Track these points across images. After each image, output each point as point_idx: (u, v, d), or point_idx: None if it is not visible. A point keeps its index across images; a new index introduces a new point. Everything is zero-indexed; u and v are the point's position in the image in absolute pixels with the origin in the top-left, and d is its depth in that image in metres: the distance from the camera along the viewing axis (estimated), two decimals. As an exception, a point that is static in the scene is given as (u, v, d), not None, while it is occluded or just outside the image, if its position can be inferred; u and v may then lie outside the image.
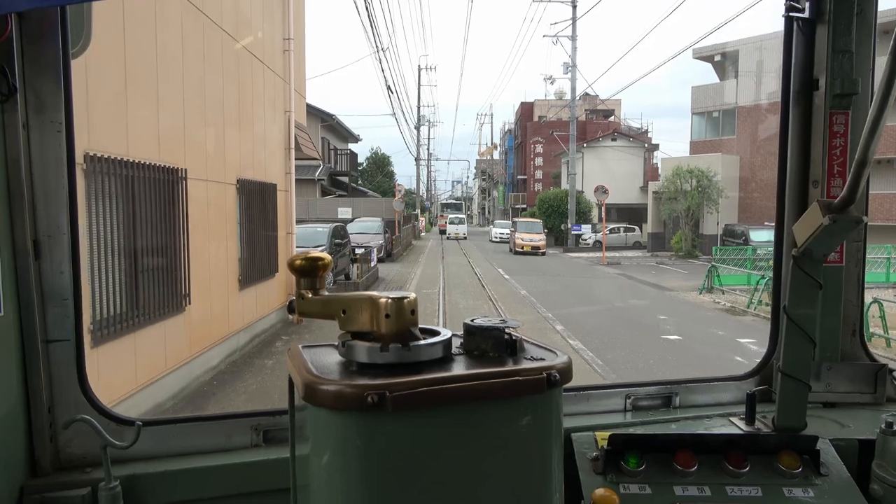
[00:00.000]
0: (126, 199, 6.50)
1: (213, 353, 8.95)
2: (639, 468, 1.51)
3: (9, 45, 1.29)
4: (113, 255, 6.25)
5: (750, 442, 1.62)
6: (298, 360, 1.05)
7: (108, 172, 6.16)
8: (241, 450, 1.52)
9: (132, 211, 6.63)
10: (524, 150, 58.08)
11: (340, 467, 0.93)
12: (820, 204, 1.43)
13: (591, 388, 1.81)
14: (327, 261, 1.13)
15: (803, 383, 1.64)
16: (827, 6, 1.75)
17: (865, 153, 1.30)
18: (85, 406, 1.43)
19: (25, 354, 1.37)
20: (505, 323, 1.09)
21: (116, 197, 6.32)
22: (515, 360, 1.04)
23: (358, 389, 0.90)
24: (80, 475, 1.40)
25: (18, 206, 1.33)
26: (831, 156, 1.80)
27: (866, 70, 1.79)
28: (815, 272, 1.56)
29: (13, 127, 1.32)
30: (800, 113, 1.84)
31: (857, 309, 1.90)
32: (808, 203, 1.78)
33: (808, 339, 1.61)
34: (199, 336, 8.45)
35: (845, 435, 1.68)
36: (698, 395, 1.88)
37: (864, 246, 1.90)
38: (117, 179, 6.35)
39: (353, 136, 40.86)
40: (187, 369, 8.09)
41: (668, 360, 10.30)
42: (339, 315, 1.06)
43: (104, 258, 6.10)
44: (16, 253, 1.34)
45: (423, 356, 1.00)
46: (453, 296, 16.57)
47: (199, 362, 8.47)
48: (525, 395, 0.98)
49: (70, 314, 1.41)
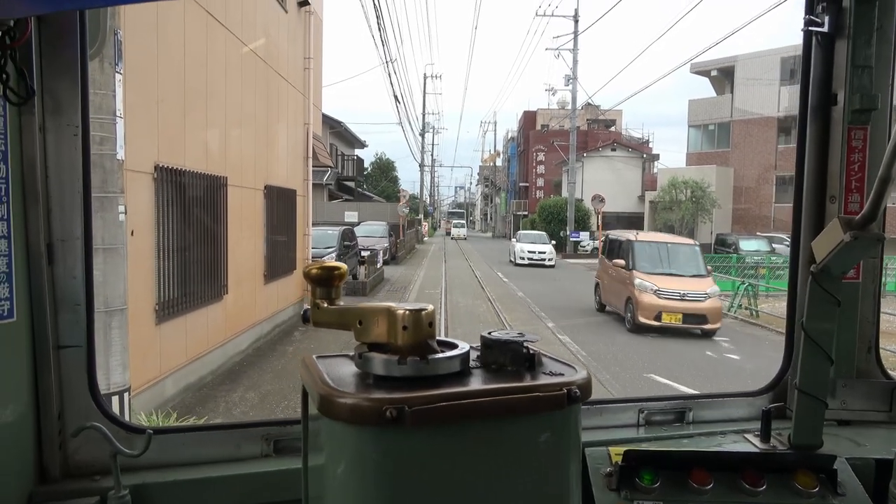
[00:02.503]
0: (182, 202, 7.77)
1: (242, 338, 10.21)
2: (653, 485, 1.48)
3: (28, 47, 1.26)
4: (173, 248, 7.52)
5: (766, 460, 1.60)
6: (314, 371, 1.04)
7: (171, 180, 7.44)
8: (251, 460, 1.50)
9: (187, 212, 7.90)
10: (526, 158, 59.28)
11: (356, 481, 0.93)
12: (841, 220, 1.40)
13: (604, 402, 1.80)
14: (343, 270, 1.12)
15: (820, 401, 1.60)
16: (847, 21, 1.72)
17: (889, 170, 1.28)
18: (95, 413, 1.41)
19: (37, 360, 1.34)
20: (523, 336, 1.07)
21: (175, 200, 7.59)
22: (534, 374, 1.03)
23: (376, 403, 0.89)
24: (89, 483, 1.38)
25: (33, 210, 1.31)
26: (849, 171, 1.76)
27: (885, 85, 1.76)
28: (833, 289, 1.53)
29: (30, 130, 1.29)
30: (818, 127, 1.81)
31: (873, 326, 1.87)
32: (826, 218, 1.76)
33: (826, 357, 1.57)
34: (232, 322, 9.70)
35: (861, 454, 1.65)
36: (712, 410, 1.86)
37: (881, 263, 1.88)
38: (177, 186, 7.62)
39: (359, 141, 42.11)
40: (222, 350, 9.33)
41: (643, 353, 11.54)
42: (356, 326, 1.05)
43: (167, 252, 7.37)
44: (29, 257, 1.31)
45: (441, 370, 0.99)
46: (454, 296, 17.75)
47: (232, 345, 9.73)
48: (545, 411, 0.97)
49: (82, 320, 1.39)
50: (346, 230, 20.33)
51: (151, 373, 7.03)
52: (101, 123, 4.01)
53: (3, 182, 1.25)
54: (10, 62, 1.21)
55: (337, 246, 18.45)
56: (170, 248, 7.43)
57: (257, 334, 10.99)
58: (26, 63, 1.26)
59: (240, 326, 10.04)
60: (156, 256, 7.10)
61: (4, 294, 1.25)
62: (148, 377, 6.90)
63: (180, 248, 7.73)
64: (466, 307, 15.83)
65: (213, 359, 8.93)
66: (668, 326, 12.95)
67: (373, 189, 55.24)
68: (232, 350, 9.70)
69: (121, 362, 4.29)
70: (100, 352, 4.00)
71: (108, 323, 4.18)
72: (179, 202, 7.68)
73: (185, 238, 7.90)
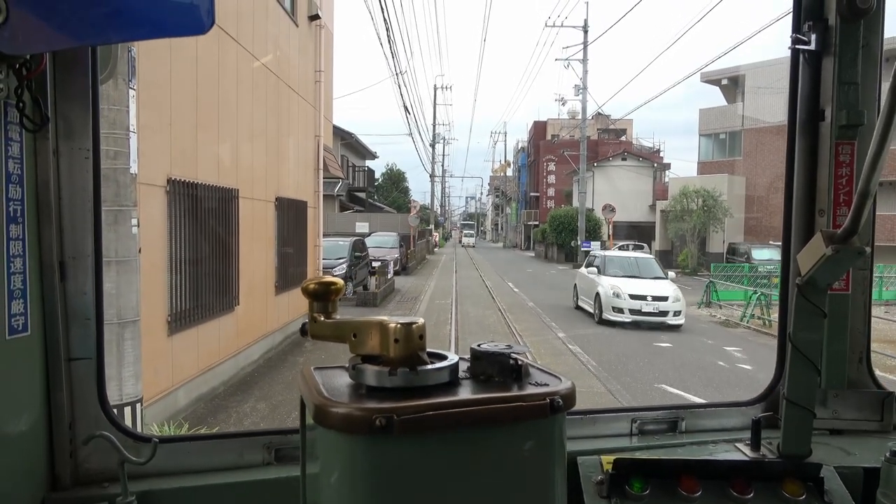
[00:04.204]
0: (194, 215, 7.86)
1: (254, 348, 10.27)
2: (643, 493, 1.50)
3: (43, 77, 1.33)
4: (185, 261, 7.60)
5: (754, 468, 1.62)
6: (310, 382, 1.08)
7: (183, 193, 7.53)
8: (254, 467, 1.54)
9: (199, 224, 8.00)
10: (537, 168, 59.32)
11: (348, 488, 0.96)
12: (823, 234, 1.43)
13: (597, 412, 1.82)
14: (340, 285, 1.16)
15: (808, 411, 1.64)
16: (833, 39, 1.75)
17: (867, 185, 1.31)
18: (104, 422, 1.46)
19: (49, 372, 1.39)
20: (511, 348, 1.11)
21: (188, 213, 7.69)
22: (520, 385, 1.06)
23: (366, 413, 0.92)
24: (98, 490, 1.43)
25: (47, 229, 1.37)
26: (837, 185, 1.79)
27: (872, 101, 1.80)
28: (819, 301, 1.55)
29: (45, 154, 1.35)
30: (806, 143, 1.85)
31: (864, 336, 1.89)
32: (815, 232, 1.76)
33: (813, 367, 1.60)
34: (244, 333, 9.77)
35: (851, 462, 1.67)
36: (704, 419, 1.88)
37: (870, 274, 1.90)
38: (189, 199, 7.71)
39: (370, 153, 42.34)
40: (233, 361, 9.40)
41: (655, 364, 11.48)
42: (350, 339, 1.09)
43: (179, 264, 7.45)
44: (43, 274, 1.37)
45: (430, 380, 1.02)
46: (465, 306, 17.77)
47: (244, 356, 9.79)
48: (528, 420, 1.00)
49: (92, 333, 1.44)
50: (357, 241, 20.43)
51: (164, 384, 7.09)
52: (114, 138, 4.08)
53: (19, 203, 1.30)
54: (26, 92, 1.27)
55: (348, 257, 18.54)
56: (182, 260, 7.52)
57: (269, 345, 11.05)
58: (41, 92, 1.32)
59: (251, 337, 10.11)
60: (168, 268, 7.19)
61: (20, 309, 1.30)
62: (160, 388, 6.96)
63: (192, 260, 7.82)
64: (477, 317, 15.83)
65: (225, 370, 8.99)
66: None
67: (384, 200, 55.46)
68: (243, 361, 9.77)
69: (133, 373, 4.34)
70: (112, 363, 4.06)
71: (120, 335, 4.24)
72: (191, 215, 7.78)
73: (197, 250, 7.99)
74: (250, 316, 10.03)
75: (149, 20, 1.08)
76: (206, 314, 8.28)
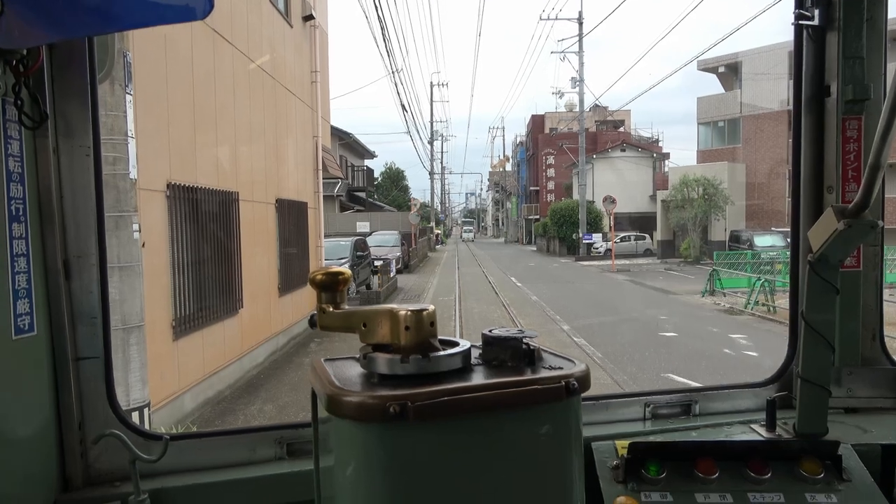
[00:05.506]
0: (195, 219, 7.86)
1: (258, 351, 10.28)
2: (660, 476, 1.50)
3: (40, 74, 1.32)
4: (188, 265, 7.60)
5: (771, 448, 1.61)
6: (321, 373, 1.07)
7: (183, 198, 7.53)
8: (266, 463, 1.54)
9: (200, 228, 7.99)
10: (536, 162, 59.25)
11: (364, 478, 0.96)
12: (834, 209, 1.42)
13: (610, 397, 1.81)
14: (347, 275, 1.15)
15: (823, 388, 1.62)
16: (837, 13, 1.74)
17: (878, 158, 1.31)
18: (114, 421, 1.45)
19: (57, 372, 1.39)
20: (523, 333, 1.10)
21: (189, 217, 7.68)
22: (534, 369, 1.06)
23: (380, 400, 0.92)
24: (110, 489, 1.42)
25: (50, 228, 1.36)
26: (845, 161, 1.77)
27: (878, 75, 1.77)
28: (831, 277, 1.55)
29: (44, 152, 1.34)
30: (812, 119, 1.83)
31: (877, 313, 1.87)
32: (824, 209, 1.72)
33: (827, 345, 1.59)
34: (248, 336, 9.77)
35: (868, 440, 1.66)
36: (718, 402, 1.86)
37: (881, 250, 1.88)
38: (190, 203, 7.71)
39: (368, 152, 42.31)
40: (239, 364, 9.41)
41: (661, 353, 11.47)
42: (360, 328, 1.08)
43: (181, 268, 7.45)
44: (47, 273, 1.36)
45: (442, 367, 1.02)
46: (468, 302, 17.76)
47: (249, 358, 9.80)
48: (544, 404, 1.00)
49: (99, 332, 1.43)
50: (359, 240, 20.42)
51: (170, 388, 7.10)
52: (113, 144, 4.08)
53: (21, 202, 1.29)
54: (24, 88, 1.26)
55: (350, 256, 18.53)
56: (184, 265, 7.52)
57: (273, 347, 11.06)
58: (39, 88, 1.32)
59: (256, 340, 10.12)
60: (171, 273, 7.19)
61: (25, 309, 1.29)
62: (167, 392, 6.97)
63: (195, 263, 7.82)
64: (481, 313, 15.82)
65: (231, 372, 9.00)
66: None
67: (384, 199, 55.46)
68: (249, 363, 9.77)
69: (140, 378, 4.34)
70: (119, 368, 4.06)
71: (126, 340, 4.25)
72: (193, 219, 7.78)
73: (200, 254, 7.99)
74: (254, 318, 10.03)
75: (145, 5, 1.06)
76: (210, 318, 8.28)
